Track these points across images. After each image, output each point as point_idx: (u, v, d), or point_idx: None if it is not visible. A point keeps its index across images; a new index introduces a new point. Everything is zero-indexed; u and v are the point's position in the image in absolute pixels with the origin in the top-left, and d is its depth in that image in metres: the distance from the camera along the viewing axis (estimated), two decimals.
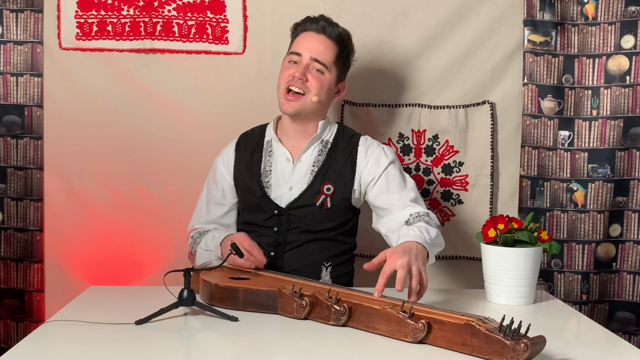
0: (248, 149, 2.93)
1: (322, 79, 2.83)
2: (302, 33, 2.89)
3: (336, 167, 2.84)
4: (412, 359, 2.02)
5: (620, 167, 3.27)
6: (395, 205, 2.76)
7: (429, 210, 2.74)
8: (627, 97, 3.24)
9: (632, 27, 3.22)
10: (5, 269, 3.31)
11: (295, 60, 2.83)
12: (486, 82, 3.34)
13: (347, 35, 2.93)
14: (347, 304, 2.24)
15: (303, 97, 2.81)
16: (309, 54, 2.82)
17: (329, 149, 2.87)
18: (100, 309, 2.49)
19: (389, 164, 2.84)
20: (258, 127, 3.00)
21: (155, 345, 2.11)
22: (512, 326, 1.92)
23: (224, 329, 2.25)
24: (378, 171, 2.82)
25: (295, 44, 2.88)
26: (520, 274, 2.56)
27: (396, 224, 2.71)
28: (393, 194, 2.79)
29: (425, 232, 2.53)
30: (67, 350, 2.08)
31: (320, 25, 2.86)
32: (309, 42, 2.85)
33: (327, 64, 2.84)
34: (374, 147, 2.89)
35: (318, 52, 2.83)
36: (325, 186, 2.81)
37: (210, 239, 2.81)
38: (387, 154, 2.87)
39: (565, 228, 3.33)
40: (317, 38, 2.85)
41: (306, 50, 2.83)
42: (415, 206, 2.74)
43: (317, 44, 2.84)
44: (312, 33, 2.86)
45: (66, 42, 3.26)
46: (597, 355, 2.12)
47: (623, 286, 3.33)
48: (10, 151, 3.28)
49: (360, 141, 2.90)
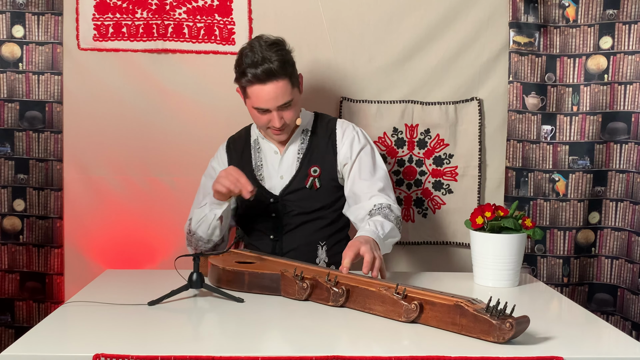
0: (237, 149, 2.96)
1: (294, 105, 2.77)
2: (251, 86, 2.70)
3: (319, 150, 2.86)
4: (405, 337, 2.01)
5: (599, 159, 3.26)
6: (364, 194, 2.78)
7: (392, 202, 2.75)
8: (605, 94, 3.23)
9: (610, 29, 3.21)
10: (28, 253, 3.31)
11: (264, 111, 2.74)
12: (474, 80, 3.33)
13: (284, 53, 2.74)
14: (345, 286, 2.24)
15: (287, 127, 2.81)
16: (275, 105, 2.70)
17: (309, 135, 2.90)
18: (115, 290, 2.49)
19: (361, 149, 2.85)
20: (243, 130, 3.03)
21: (166, 324, 2.12)
22: (498, 307, 1.92)
23: (231, 310, 2.25)
24: (351, 155, 2.83)
25: (254, 98, 2.71)
26: (505, 259, 2.56)
27: (363, 213, 2.73)
28: (364, 181, 2.80)
29: (379, 227, 2.57)
30: (85, 328, 2.09)
31: (263, 73, 2.66)
32: (266, 96, 2.69)
33: (292, 96, 2.74)
34: (350, 130, 2.90)
35: (279, 98, 2.70)
36: (311, 168, 2.83)
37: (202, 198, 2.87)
38: (360, 138, 2.88)
39: (548, 216, 3.32)
40: (270, 87, 2.68)
41: (271, 103, 2.70)
42: (380, 196, 2.75)
43: (274, 92, 2.69)
44: (261, 86, 2.68)
45: (84, 43, 3.25)
46: (577, 333, 2.12)
47: (601, 270, 3.33)
48: (32, 144, 3.28)
49: (337, 124, 2.92)
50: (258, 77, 2.67)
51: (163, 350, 1.81)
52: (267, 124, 2.77)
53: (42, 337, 1.97)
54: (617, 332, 2.13)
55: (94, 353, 1.78)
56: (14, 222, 3.30)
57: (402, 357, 1.79)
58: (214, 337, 2.07)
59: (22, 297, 3.32)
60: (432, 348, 1.87)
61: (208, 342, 2.00)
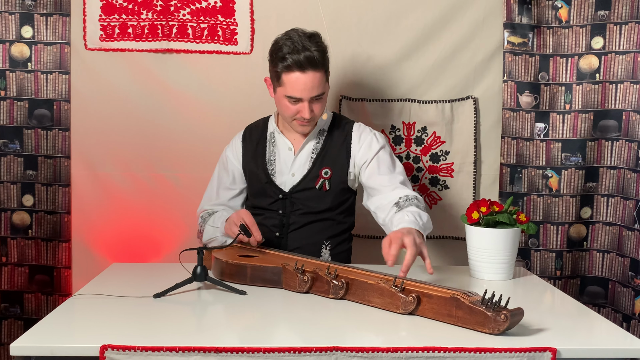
0: (253, 140, 2.91)
1: (323, 100, 2.74)
2: (289, 73, 2.63)
3: (332, 152, 2.82)
4: (403, 328, 2.01)
5: (591, 156, 3.26)
6: (385, 187, 2.74)
7: (417, 193, 2.72)
8: (596, 93, 3.23)
9: (601, 29, 3.20)
10: (37, 247, 3.31)
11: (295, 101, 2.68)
12: (470, 79, 3.33)
13: (322, 45, 2.70)
14: (344, 279, 2.24)
15: (313, 120, 2.75)
16: (309, 96, 2.64)
17: (325, 136, 2.85)
18: (121, 283, 2.48)
19: (380, 148, 2.81)
20: (261, 120, 2.98)
21: (171, 316, 2.11)
22: (493, 299, 1.92)
23: (234, 302, 2.24)
24: (370, 155, 2.79)
25: (288, 86, 2.64)
26: (500, 252, 2.56)
27: (386, 203, 2.69)
28: (384, 175, 2.76)
29: (418, 218, 2.53)
30: (92, 320, 2.08)
31: (304, 60, 2.60)
32: (302, 85, 2.63)
33: (324, 89, 2.71)
34: (367, 132, 2.85)
35: (315, 89, 2.64)
36: (323, 170, 2.79)
37: (218, 217, 2.81)
38: (379, 139, 2.84)
39: (541, 211, 3.32)
40: (308, 75, 2.62)
41: (305, 93, 2.64)
42: (404, 188, 2.72)
43: (310, 82, 2.63)
44: (299, 74, 2.61)
45: (91, 43, 3.25)
46: (570, 325, 2.12)
47: (593, 263, 3.33)
48: (40, 141, 3.27)
49: (354, 127, 2.87)
50: (300, 63, 2.60)
51: (168, 341, 1.82)
52: (294, 115, 2.71)
53: (51, 328, 1.97)
54: (608, 324, 2.13)
55: (101, 344, 1.78)
56: (23, 217, 3.30)
57: (399, 347, 1.79)
58: (217, 328, 2.07)
59: (31, 290, 3.32)
60: (429, 339, 1.87)
61: (212, 334, 2.00)
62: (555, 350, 1.80)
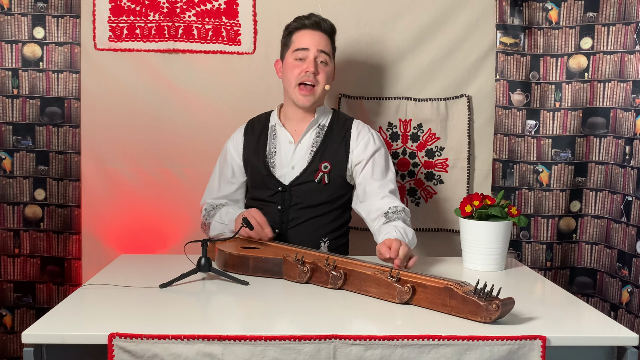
0: (255, 133, 2.91)
1: (328, 69, 2.80)
2: (299, 31, 2.81)
3: (332, 147, 2.81)
4: (399, 317, 2.01)
5: (580, 151, 3.26)
6: (376, 194, 2.73)
7: (404, 205, 2.71)
8: (585, 91, 3.22)
9: (590, 30, 3.19)
10: (48, 239, 3.31)
11: (302, 57, 2.77)
12: (464, 78, 3.33)
13: (334, 27, 2.88)
14: (342, 270, 2.24)
15: (315, 89, 2.78)
16: (316, 47, 2.76)
17: (325, 131, 2.84)
18: (129, 274, 2.48)
19: (376, 150, 2.80)
20: (264, 114, 2.98)
21: (177, 305, 2.11)
22: (486, 289, 1.92)
23: (236, 292, 2.25)
24: (365, 156, 2.79)
25: (297, 41, 2.80)
26: (493, 244, 2.56)
27: (375, 212, 2.69)
28: (376, 181, 2.76)
29: (404, 234, 2.54)
30: (101, 309, 2.08)
31: (314, 21, 2.80)
32: (310, 37, 2.78)
33: (330, 54, 2.81)
34: (365, 131, 2.85)
35: (322, 45, 2.78)
36: (322, 164, 2.78)
37: (225, 214, 2.80)
38: (376, 140, 2.84)
39: (532, 204, 3.31)
40: (316, 33, 2.79)
41: (312, 44, 2.77)
42: (393, 199, 2.72)
43: (317, 38, 2.79)
44: (308, 30, 2.80)
45: (100, 43, 3.24)
46: (559, 314, 2.12)
47: (582, 255, 3.32)
48: (52, 138, 3.27)
49: (353, 124, 2.87)
50: (311, 24, 2.80)
51: (173, 329, 1.82)
52: (299, 76, 2.76)
53: (61, 317, 1.97)
54: (596, 313, 2.13)
55: (109, 332, 1.78)
56: (35, 210, 3.30)
57: (395, 335, 1.79)
58: (221, 317, 2.07)
59: (43, 280, 3.32)
60: (424, 327, 1.87)
61: (215, 322, 2.00)
62: (545, 338, 1.80)
